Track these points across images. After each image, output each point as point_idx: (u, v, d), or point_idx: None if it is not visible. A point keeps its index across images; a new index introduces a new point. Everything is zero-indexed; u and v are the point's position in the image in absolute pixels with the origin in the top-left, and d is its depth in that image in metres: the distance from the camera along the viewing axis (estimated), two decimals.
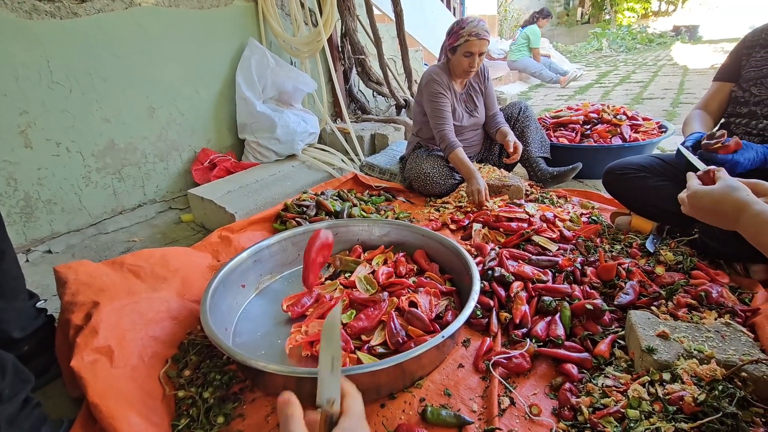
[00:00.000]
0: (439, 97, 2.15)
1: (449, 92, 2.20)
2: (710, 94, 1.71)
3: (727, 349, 0.98)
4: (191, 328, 1.30)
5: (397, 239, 1.68)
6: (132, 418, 0.93)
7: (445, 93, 2.17)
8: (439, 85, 2.16)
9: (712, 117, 1.69)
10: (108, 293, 1.22)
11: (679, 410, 0.87)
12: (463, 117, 2.28)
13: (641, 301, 1.27)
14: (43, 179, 2.00)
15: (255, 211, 2.08)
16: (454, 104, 2.24)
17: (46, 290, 1.71)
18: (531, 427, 0.95)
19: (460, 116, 2.27)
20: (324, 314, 1.31)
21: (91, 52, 2.07)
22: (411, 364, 1.03)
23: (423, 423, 0.97)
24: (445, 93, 2.17)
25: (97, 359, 1.04)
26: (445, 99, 2.16)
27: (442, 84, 2.17)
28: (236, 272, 1.44)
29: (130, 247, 2.04)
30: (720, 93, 1.69)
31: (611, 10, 15.12)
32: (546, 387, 1.06)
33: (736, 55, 1.61)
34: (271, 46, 2.89)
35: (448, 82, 2.21)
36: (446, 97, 2.17)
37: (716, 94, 1.70)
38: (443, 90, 2.16)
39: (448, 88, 2.20)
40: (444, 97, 2.16)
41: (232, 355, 1.03)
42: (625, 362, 1.07)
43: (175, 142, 2.50)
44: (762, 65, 1.50)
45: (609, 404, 0.94)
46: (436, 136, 2.17)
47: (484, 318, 1.28)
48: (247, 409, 1.05)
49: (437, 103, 2.15)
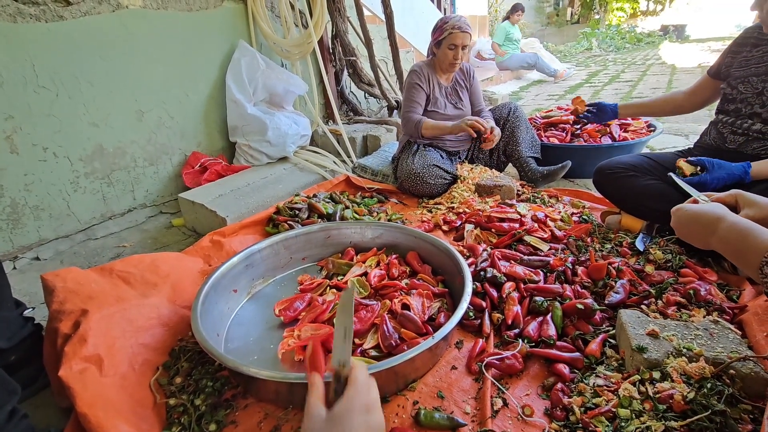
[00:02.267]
0: (415, 88, 2.28)
1: (428, 85, 2.30)
2: (698, 84, 1.81)
3: (715, 347, 1.00)
4: (182, 334, 1.28)
5: (390, 241, 1.68)
6: (122, 428, 0.92)
7: (422, 85, 2.28)
8: (418, 76, 2.28)
9: (691, 104, 1.82)
10: (97, 300, 1.20)
11: (669, 408, 0.88)
12: (446, 106, 2.36)
13: (631, 300, 1.28)
14: (30, 185, 1.97)
15: (247, 214, 2.07)
16: (437, 95, 2.33)
17: (34, 298, 1.68)
18: (524, 428, 0.96)
19: (443, 105, 2.35)
20: (317, 318, 1.30)
21: (78, 56, 2.04)
22: (404, 367, 1.03)
23: (416, 426, 0.97)
24: (421, 85, 2.28)
25: (86, 368, 1.02)
26: (419, 90, 2.28)
27: (421, 76, 2.28)
28: (228, 277, 1.43)
29: (119, 253, 2.02)
30: (705, 87, 1.76)
31: (601, 9, 15.27)
32: (538, 387, 1.07)
33: (728, 52, 1.65)
34: (261, 48, 2.88)
35: (430, 76, 2.31)
36: (421, 89, 2.28)
37: (702, 87, 1.78)
38: (421, 82, 2.28)
39: (428, 81, 2.30)
40: (419, 88, 2.28)
41: (224, 361, 1.02)
42: (616, 361, 1.08)
43: (164, 145, 2.48)
44: (749, 63, 1.53)
45: (600, 404, 0.94)
46: (402, 122, 2.31)
47: (477, 319, 1.29)
48: (239, 415, 1.05)
49: (410, 93, 2.29)
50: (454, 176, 2.30)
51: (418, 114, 2.29)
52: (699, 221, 0.91)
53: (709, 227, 0.88)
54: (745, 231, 0.81)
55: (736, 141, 1.54)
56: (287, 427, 1.00)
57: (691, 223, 0.93)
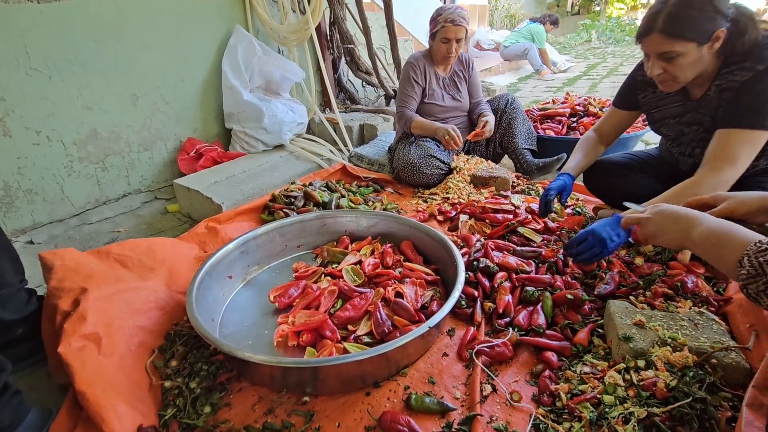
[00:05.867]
0: (409, 81, 2.26)
1: (424, 77, 2.28)
2: (605, 118, 1.71)
3: (699, 337, 1.02)
4: (178, 318, 1.30)
5: (385, 230, 1.69)
6: (119, 407, 0.93)
7: (417, 79, 2.26)
8: (413, 68, 2.25)
9: (605, 141, 1.70)
10: (96, 280, 1.22)
11: (652, 395, 0.91)
12: (443, 97, 2.35)
13: (620, 291, 1.31)
14: (23, 168, 1.96)
15: (242, 201, 2.07)
16: (434, 87, 2.31)
17: (30, 280, 1.68)
18: (511, 413, 0.98)
19: (440, 96, 2.34)
20: (310, 304, 1.32)
21: (71, 38, 2.01)
22: (396, 354, 1.05)
23: (407, 410, 1.00)
24: (416, 79, 2.26)
25: (85, 346, 1.04)
26: (414, 84, 2.26)
27: (417, 68, 2.25)
28: (223, 263, 1.44)
29: (114, 238, 2.02)
30: (613, 118, 1.67)
31: (601, 1, 15.14)
32: (527, 374, 1.10)
33: (632, 84, 1.57)
34: (258, 34, 2.84)
35: (427, 68, 2.28)
36: (416, 83, 2.26)
37: (610, 119, 1.68)
38: (417, 75, 2.25)
39: (424, 73, 2.28)
40: (414, 81, 2.25)
41: (218, 345, 1.03)
42: (602, 350, 1.10)
43: (159, 131, 2.46)
44: (659, 106, 1.51)
45: (586, 390, 0.97)
46: (397, 116, 2.29)
47: (469, 308, 1.31)
48: (233, 398, 1.07)
49: (405, 86, 2.27)
50: (450, 167, 2.30)
51: (411, 109, 2.29)
52: (679, 220, 0.94)
53: (688, 226, 0.90)
54: (725, 229, 0.84)
55: (686, 163, 1.52)
56: (281, 410, 1.02)
57: (671, 221, 0.96)
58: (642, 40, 1.28)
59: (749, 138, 1.22)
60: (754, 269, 0.73)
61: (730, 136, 1.24)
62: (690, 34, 1.18)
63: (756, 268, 0.72)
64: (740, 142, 1.22)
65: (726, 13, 1.17)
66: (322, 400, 1.04)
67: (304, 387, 1.05)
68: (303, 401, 1.04)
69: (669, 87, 1.34)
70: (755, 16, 1.20)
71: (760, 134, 1.21)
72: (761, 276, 0.71)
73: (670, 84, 1.32)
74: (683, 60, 1.21)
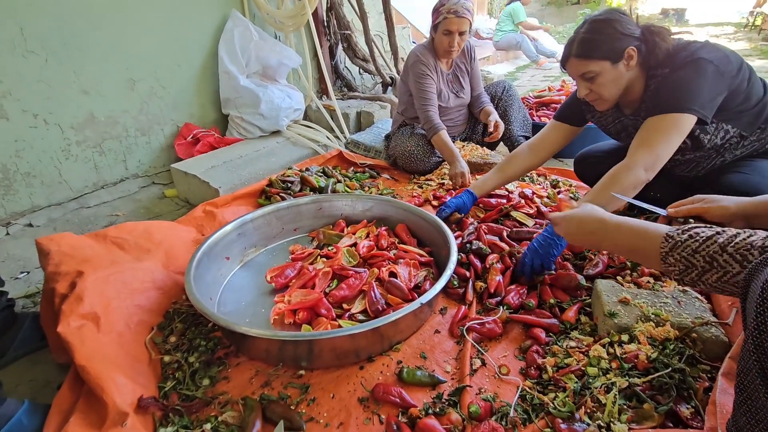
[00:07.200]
0: (425, 78, 2.14)
1: (435, 73, 2.19)
2: (544, 133, 1.67)
3: (681, 314, 1.06)
4: (176, 297, 1.32)
5: (380, 214, 1.71)
6: (119, 379, 0.96)
7: (431, 74, 2.16)
8: (425, 65, 2.14)
9: (539, 157, 1.67)
10: (92, 263, 1.24)
11: (634, 367, 0.95)
12: (449, 98, 2.28)
13: (609, 272, 1.34)
14: (20, 151, 1.97)
15: (239, 186, 2.09)
16: (440, 85, 2.23)
17: (29, 263, 1.71)
18: (500, 385, 1.02)
19: (446, 97, 2.27)
20: (306, 284, 1.35)
21: (67, 21, 2.00)
22: (388, 329, 1.09)
23: (399, 383, 1.03)
24: (430, 74, 2.15)
25: (84, 324, 1.06)
26: (430, 80, 2.15)
27: (428, 65, 2.15)
28: (220, 245, 1.46)
29: (113, 222, 2.04)
30: (555, 133, 1.64)
31: None
32: (515, 350, 1.13)
33: (576, 102, 1.56)
34: (254, 19, 2.83)
35: (435, 63, 2.19)
36: (432, 79, 2.16)
37: (549, 134, 1.65)
38: (429, 71, 2.15)
39: (434, 69, 2.18)
40: (429, 78, 2.15)
41: (216, 320, 1.06)
42: (589, 327, 1.14)
43: (156, 116, 2.46)
44: (602, 123, 1.56)
45: (571, 363, 1.01)
46: (421, 117, 2.17)
47: (461, 288, 1.34)
48: (231, 372, 1.10)
49: (422, 84, 2.14)
50: None
51: (435, 112, 2.13)
52: (584, 228, 0.97)
53: (596, 232, 0.94)
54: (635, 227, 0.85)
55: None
56: (277, 383, 1.06)
57: (578, 232, 0.99)
58: (564, 67, 1.41)
59: (671, 122, 1.24)
60: (683, 265, 0.74)
61: (651, 123, 1.27)
62: (600, 53, 1.28)
63: (683, 263, 0.74)
64: (663, 127, 1.25)
65: (632, 34, 1.26)
66: (318, 373, 1.08)
67: (299, 361, 1.08)
68: (299, 374, 1.07)
69: (600, 105, 1.41)
70: (663, 30, 1.28)
71: (679, 117, 1.23)
72: (691, 268, 0.73)
73: (600, 102, 1.40)
74: (602, 78, 1.31)
